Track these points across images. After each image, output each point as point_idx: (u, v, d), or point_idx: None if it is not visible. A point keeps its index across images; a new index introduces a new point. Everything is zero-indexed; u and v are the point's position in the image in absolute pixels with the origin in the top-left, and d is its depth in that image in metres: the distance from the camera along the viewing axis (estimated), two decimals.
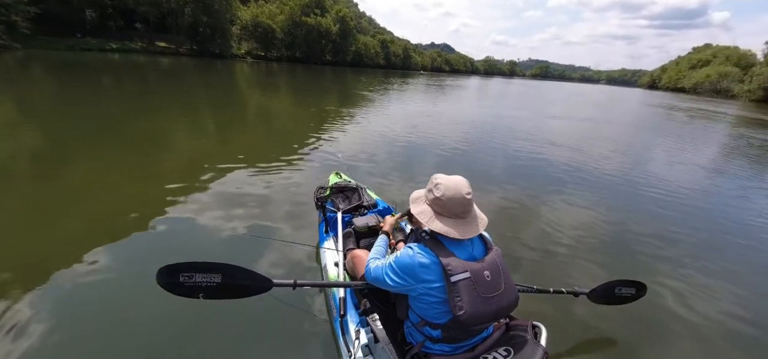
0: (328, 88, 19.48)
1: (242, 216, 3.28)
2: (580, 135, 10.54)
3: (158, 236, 2.91)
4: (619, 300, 2.13)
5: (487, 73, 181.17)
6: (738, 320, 2.51)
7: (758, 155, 9.83)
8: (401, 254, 1.30)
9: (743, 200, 5.65)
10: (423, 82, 33.87)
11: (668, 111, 22.81)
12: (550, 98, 27.76)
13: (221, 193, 3.76)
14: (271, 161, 5.00)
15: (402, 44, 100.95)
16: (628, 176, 6.21)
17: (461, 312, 1.14)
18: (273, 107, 11.09)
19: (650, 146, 9.91)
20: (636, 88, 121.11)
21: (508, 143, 8.00)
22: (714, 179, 6.75)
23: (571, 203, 4.57)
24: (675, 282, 2.88)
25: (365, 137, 7.33)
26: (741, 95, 59.34)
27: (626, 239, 3.67)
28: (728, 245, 3.85)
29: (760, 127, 17.13)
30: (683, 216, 4.49)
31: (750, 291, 2.90)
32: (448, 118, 11.66)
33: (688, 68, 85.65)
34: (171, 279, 1.35)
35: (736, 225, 4.38)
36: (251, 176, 4.35)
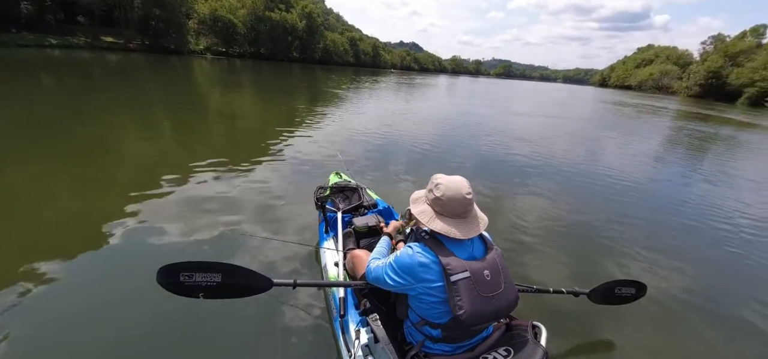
0: (297, 86, 18.87)
1: (237, 216, 3.24)
2: (546, 131, 11.03)
3: (146, 242, 2.76)
4: (619, 300, 2.13)
5: (454, 71, 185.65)
6: (713, 302, 2.69)
7: (697, 144, 10.95)
8: (401, 253, 1.29)
9: (686, 184, 6.28)
10: (394, 81, 33.92)
11: (618, 107, 24.51)
12: (515, 96, 28.92)
13: (209, 194, 3.65)
14: (255, 159, 4.85)
15: (371, 42, 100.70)
16: (589, 168, 6.59)
17: (461, 312, 1.14)
18: (242, 106, 10.46)
19: (606, 139, 10.59)
20: (589, 86, 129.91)
21: (479, 140, 8.25)
22: (661, 167, 7.40)
23: (537, 194, 4.79)
24: (643, 264, 3.11)
25: (343, 135, 7.27)
26: (680, 91, 65.66)
27: (591, 228, 3.89)
28: (677, 224, 4.26)
29: (697, 119, 19.01)
30: (637, 202, 4.91)
31: (704, 267, 3.24)
32: (425, 116, 11.77)
33: (634, 67, 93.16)
34: (171, 278, 1.35)
35: (680, 206, 4.92)
36: (236, 176, 4.22)
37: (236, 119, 8.45)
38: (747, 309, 2.67)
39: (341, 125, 8.43)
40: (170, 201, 3.44)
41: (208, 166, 4.44)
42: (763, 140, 13.63)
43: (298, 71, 32.67)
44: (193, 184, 3.88)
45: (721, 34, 64.99)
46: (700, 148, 10.45)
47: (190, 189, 3.75)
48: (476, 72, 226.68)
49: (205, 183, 3.93)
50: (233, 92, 13.63)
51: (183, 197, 3.55)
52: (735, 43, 57.94)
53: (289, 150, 5.70)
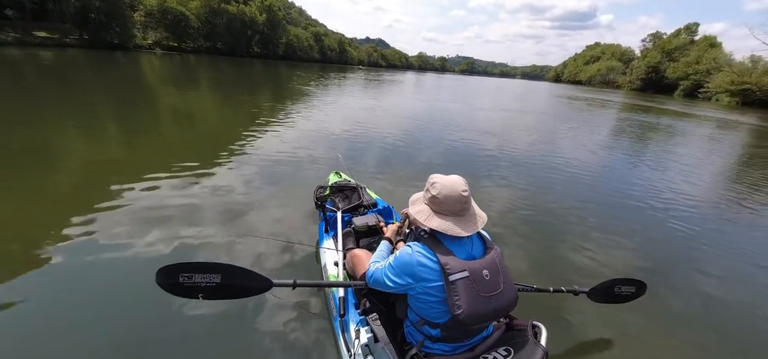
0: (263, 83, 17.95)
1: (236, 217, 3.21)
2: (507, 124, 11.46)
3: (139, 248, 2.63)
4: (619, 299, 2.12)
5: (421, 68, 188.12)
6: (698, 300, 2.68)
7: (639, 133, 11.95)
8: (400, 253, 1.29)
9: (631, 169, 6.77)
10: (363, 77, 33.53)
11: (571, 101, 26.01)
12: (479, 91, 29.70)
13: (201, 196, 3.57)
14: (230, 160, 4.66)
15: (337, 38, 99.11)
16: (551, 159, 6.85)
17: (460, 311, 1.14)
18: (200, 106, 9.59)
19: (563, 131, 11.06)
20: (544, 81, 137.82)
21: (447, 134, 8.37)
22: (611, 155, 7.92)
23: (503, 185, 4.84)
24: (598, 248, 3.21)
25: (326, 132, 7.10)
26: (624, 85, 71.32)
27: (554, 215, 4.05)
28: (623, 206, 4.61)
29: (639, 111, 20.70)
30: (590, 189, 5.21)
31: (641, 245, 3.41)
32: (397, 112, 11.76)
33: (584, 64, 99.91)
34: (170, 279, 1.34)
35: (627, 190, 5.30)
36: (228, 177, 4.15)
37: (203, 120, 7.89)
38: (717, 285, 2.84)
39: (321, 122, 8.20)
40: (165, 202, 3.36)
41: (191, 169, 4.24)
42: (697, 128, 15.03)
43: (260, 68, 31.19)
44: (188, 187, 3.76)
45: (659, 32, 71.43)
46: (644, 137, 11.29)
47: (186, 191, 3.66)
48: (442, 69, 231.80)
49: (195, 185, 3.82)
50: (196, 90, 12.58)
51: (179, 197, 3.49)
52: (671, 40, 63.81)
53: (274, 149, 5.48)
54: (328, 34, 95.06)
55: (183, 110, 8.57)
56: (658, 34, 71.18)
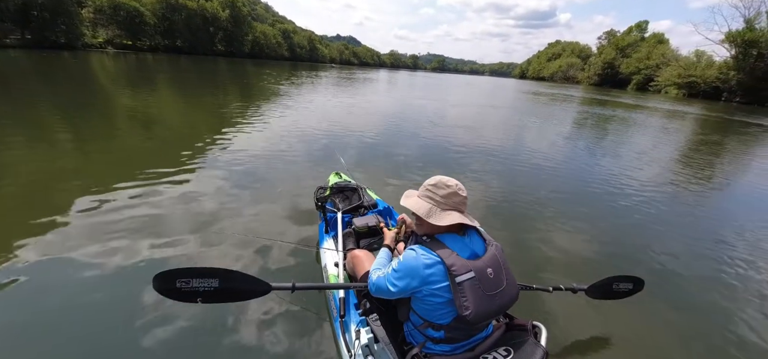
0: (230, 82, 17.09)
1: (235, 217, 3.23)
2: (478, 119, 11.79)
3: (141, 249, 2.63)
4: (617, 295, 2.10)
5: (393, 66, 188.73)
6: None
7: (598, 125, 12.71)
8: (404, 258, 1.28)
9: (592, 158, 7.26)
10: (337, 75, 33.03)
11: (536, 96, 27.11)
12: (453, 89, 30.10)
13: (194, 197, 3.56)
14: (206, 163, 4.28)
15: (306, 35, 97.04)
16: (524, 151, 7.18)
17: (468, 312, 1.15)
18: (164, 107, 8.87)
19: (530, 125, 11.58)
20: (510, 78, 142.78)
21: (420, 129, 8.49)
22: (574, 145, 8.30)
23: (477, 178, 4.98)
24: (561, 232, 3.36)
25: (298, 132, 6.93)
26: (583, 81, 75.50)
27: (527, 204, 4.24)
28: (593, 194, 4.91)
29: (597, 104, 22.00)
30: (556, 178, 5.51)
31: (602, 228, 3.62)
32: (381, 109, 11.77)
33: (546, 60, 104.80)
34: (167, 284, 1.34)
35: (590, 178, 5.64)
36: (225, 176, 4.11)
37: (171, 122, 7.46)
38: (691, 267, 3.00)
39: (302, 121, 8.03)
40: (159, 203, 3.35)
41: (165, 174, 4.08)
42: (648, 118, 16.16)
43: (225, 66, 29.80)
44: (182, 188, 3.73)
45: (613, 30, 76.21)
46: (603, 128, 12.00)
47: (182, 192, 3.63)
48: (414, 66, 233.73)
49: (187, 185, 3.80)
50: (160, 91, 11.68)
51: (173, 198, 3.47)
52: (624, 38, 68.38)
53: (258, 149, 5.37)
54: (298, 31, 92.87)
55: (147, 113, 7.95)
56: (612, 31, 75.93)
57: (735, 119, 19.73)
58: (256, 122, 7.67)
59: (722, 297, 2.74)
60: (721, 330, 2.34)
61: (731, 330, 2.34)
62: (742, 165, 8.20)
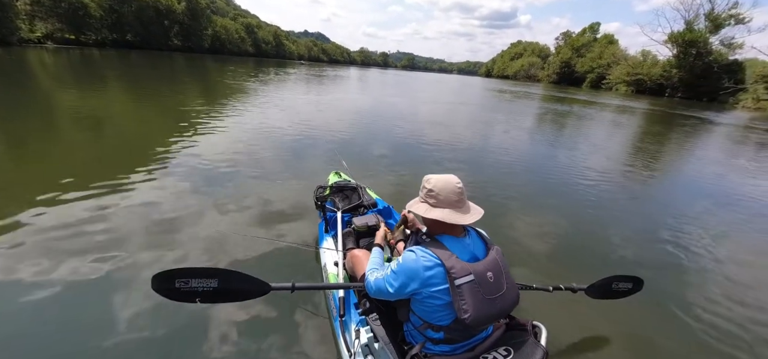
0: (190, 80, 15.87)
1: (235, 217, 3.18)
2: (448, 115, 12.07)
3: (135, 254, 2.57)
4: (617, 294, 2.08)
5: (364, 63, 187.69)
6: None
7: (556, 119, 13.32)
8: (404, 259, 1.27)
9: (551, 150, 7.62)
10: (306, 72, 32.07)
11: (501, 94, 28.12)
12: (421, 86, 30.44)
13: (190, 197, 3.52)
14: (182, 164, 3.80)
15: (272, 30, 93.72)
16: (487, 144, 7.48)
17: (466, 316, 1.14)
18: (122, 107, 7.90)
19: (497, 120, 11.97)
20: (477, 76, 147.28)
21: (393, 126, 8.54)
22: (538, 139, 8.69)
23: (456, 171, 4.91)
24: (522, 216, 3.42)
25: (260, 133, 6.51)
26: (544, 79, 79.27)
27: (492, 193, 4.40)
28: (557, 185, 5.16)
29: (556, 101, 23.19)
30: (524, 170, 5.81)
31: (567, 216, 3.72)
32: (355, 107, 11.65)
33: (510, 60, 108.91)
34: (166, 284, 1.34)
35: (549, 169, 5.91)
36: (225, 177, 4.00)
37: (134, 123, 6.63)
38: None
39: (272, 121, 7.60)
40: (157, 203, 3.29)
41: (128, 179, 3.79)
42: (600, 114, 17.18)
43: (183, 62, 27.82)
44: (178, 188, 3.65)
45: (569, 31, 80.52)
46: (562, 123, 12.58)
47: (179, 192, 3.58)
48: (385, 64, 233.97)
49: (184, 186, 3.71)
50: (114, 90, 10.46)
51: (163, 200, 3.38)
52: (578, 39, 72.45)
53: (239, 150, 5.13)
54: (262, 26, 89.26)
55: (105, 114, 7.07)
56: (568, 33, 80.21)
57: (677, 113, 21.42)
58: (229, 120, 7.22)
59: (697, 288, 2.79)
60: (711, 328, 2.32)
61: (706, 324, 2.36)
62: (685, 155, 8.85)
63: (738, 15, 40.02)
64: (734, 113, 28.33)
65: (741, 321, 2.39)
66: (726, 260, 3.25)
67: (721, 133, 13.98)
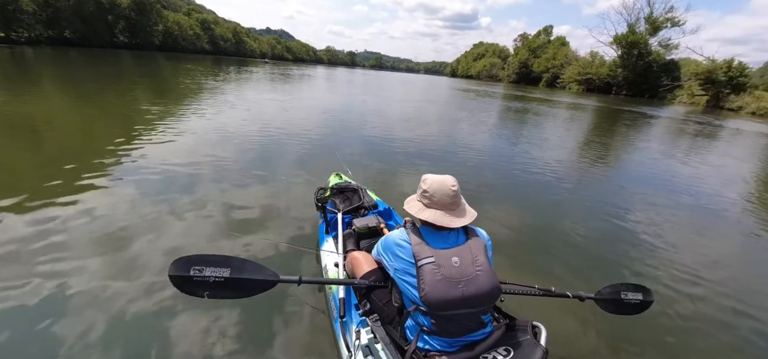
0: (136, 79, 14.40)
1: (234, 218, 3.15)
2: (419, 114, 12.31)
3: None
4: (627, 309, 1.89)
5: (330, 62, 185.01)
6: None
7: (516, 116, 13.94)
8: (386, 235, 1.46)
9: (513, 146, 7.99)
10: (270, 71, 30.84)
11: (465, 92, 28.94)
12: (390, 85, 30.51)
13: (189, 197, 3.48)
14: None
15: (230, 27, 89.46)
16: (455, 140, 7.69)
17: (423, 294, 1.22)
18: (71, 110, 6.97)
19: (464, 118, 12.27)
20: (443, 76, 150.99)
21: (364, 125, 8.45)
22: (497, 133, 9.09)
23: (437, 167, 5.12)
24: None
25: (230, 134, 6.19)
26: (504, 78, 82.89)
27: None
28: (520, 179, 5.41)
29: (515, 99, 24.29)
30: (488, 164, 6.08)
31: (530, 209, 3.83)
32: (325, 107, 11.44)
33: (473, 60, 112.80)
34: (182, 271, 1.34)
35: (509, 164, 6.14)
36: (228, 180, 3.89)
37: (78, 126, 5.65)
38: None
39: (253, 121, 7.13)
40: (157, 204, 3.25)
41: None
42: (556, 111, 18.14)
43: (130, 60, 25.53)
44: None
45: (526, 33, 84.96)
46: (522, 119, 13.16)
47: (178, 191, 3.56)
48: (352, 63, 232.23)
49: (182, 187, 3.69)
50: (55, 92, 9.15)
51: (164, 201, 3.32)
52: (534, 40, 76.57)
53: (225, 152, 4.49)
54: (220, 22, 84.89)
55: (37, 120, 6.10)
56: (525, 35, 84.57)
57: (623, 109, 23.25)
58: (191, 123, 6.73)
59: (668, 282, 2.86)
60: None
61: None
62: (632, 147, 9.53)
63: (674, 18, 44.38)
64: (672, 107, 31.52)
65: (701, 296, 2.57)
66: (666, 232, 3.64)
67: (662, 126, 15.35)
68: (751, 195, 5.88)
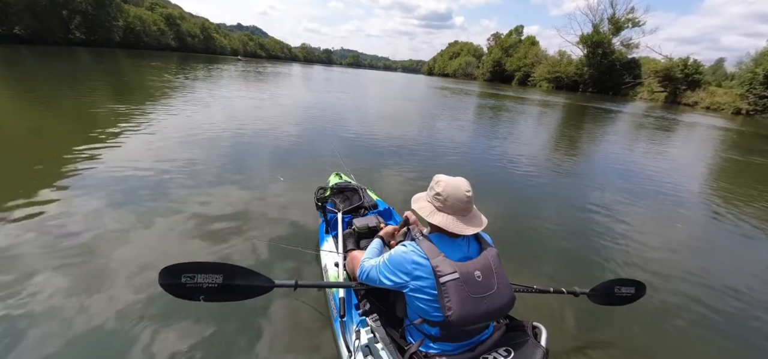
0: (95, 78, 13.37)
1: (235, 218, 3.12)
2: (398, 112, 12.54)
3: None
4: (620, 301, 2.04)
5: (306, 60, 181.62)
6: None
7: (491, 113, 14.39)
8: (394, 251, 1.32)
9: (490, 140, 8.28)
10: (243, 69, 29.75)
11: (443, 90, 29.39)
12: (372, 83, 30.43)
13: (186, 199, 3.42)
14: None
15: (198, 22, 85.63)
16: (433, 137, 7.94)
17: (450, 313, 1.15)
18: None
19: (441, 115, 12.57)
20: (420, 74, 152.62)
21: (343, 124, 8.43)
22: (475, 131, 9.37)
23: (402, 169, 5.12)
24: None
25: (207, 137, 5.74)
26: (479, 77, 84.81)
27: None
28: (495, 172, 5.68)
29: (489, 97, 24.97)
30: (465, 157, 6.30)
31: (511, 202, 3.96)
32: (303, 103, 11.38)
33: (449, 58, 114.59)
34: (173, 279, 1.33)
35: (491, 157, 6.49)
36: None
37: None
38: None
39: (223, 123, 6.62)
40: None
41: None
42: (528, 108, 18.79)
43: (88, 58, 23.73)
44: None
45: (498, 33, 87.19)
46: (496, 116, 13.54)
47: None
48: (329, 61, 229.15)
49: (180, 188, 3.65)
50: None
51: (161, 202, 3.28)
52: (507, 40, 78.77)
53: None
54: (186, 17, 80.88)
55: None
56: (498, 34, 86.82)
57: (589, 105, 24.46)
58: (161, 123, 6.33)
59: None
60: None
61: None
62: (602, 142, 10.06)
63: (634, 19, 46.92)
64: (634, 103, 33.50)
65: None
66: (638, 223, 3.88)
67: (625, 121, 16.29)
68: (708, 184, 6.36)
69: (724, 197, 5.39)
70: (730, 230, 4.09)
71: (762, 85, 27.15)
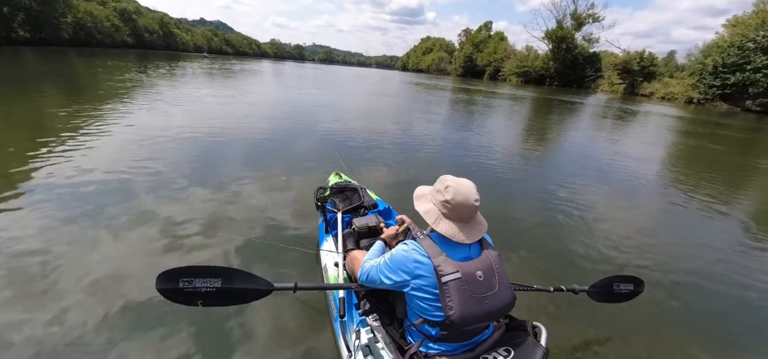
0: (44, 80, 12.11)
1: (235, 219, 3.14)
2: (372, 107, 12.76)
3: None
4: (619, 298, 2.05)
5: (277, 56, 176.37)
6: None
7: (464, 107, 14.74)
8: (396, 251, 1.32)
9: (467, 135, 8.51)
10: (209, 66, 28.46)
11: (417, 86, 29.55)
12: (348, 80, 30.03)
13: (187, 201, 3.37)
14: None
15: (156, 17, 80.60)
16: (413, 132, 8.12)
17: (452, 313, 1.15)
18: None
19: (417, 110, 12.76)
20: (394, 70, 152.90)
21: (340, 123, 8.36)
22: (449, 125, 9.55)
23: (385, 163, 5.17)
24: None
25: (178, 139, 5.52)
26: (452, 72, 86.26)
27: None
28: (469, 163, 5.79)
29: (462, 92, 25.47)
30: (443, 151, 6.51)
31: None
32: (273, 101, 11.22)
33: (422, 54, 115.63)
34: (170, 284, 1.31)
35: (468, 150, 6.70)
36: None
37: None
38: None
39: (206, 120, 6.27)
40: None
41: None
42: (500, 102, 19.38)
43: (34, 58, 21.63)
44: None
45: (469, 28, 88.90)
46: (470, 111, 13.82)
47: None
48: (301, 57, 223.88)
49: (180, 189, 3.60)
50: None
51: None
52: (477, 35, 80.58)
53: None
54: (142, 12, 75.85)
55: None
56: (468, 30, 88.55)
57: (555, 98, 25.55)
58: (119, 126, 5.70)
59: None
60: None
61: None
62: (569, 133, 10.52)
63: (594, 14, 49.53)
64: (596, 95, 35.44)
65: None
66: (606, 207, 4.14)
67: (589, 112, 17.22)
68: (666, 168, 6.88)
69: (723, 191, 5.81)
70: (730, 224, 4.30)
71: (711, 76, 29.61)
